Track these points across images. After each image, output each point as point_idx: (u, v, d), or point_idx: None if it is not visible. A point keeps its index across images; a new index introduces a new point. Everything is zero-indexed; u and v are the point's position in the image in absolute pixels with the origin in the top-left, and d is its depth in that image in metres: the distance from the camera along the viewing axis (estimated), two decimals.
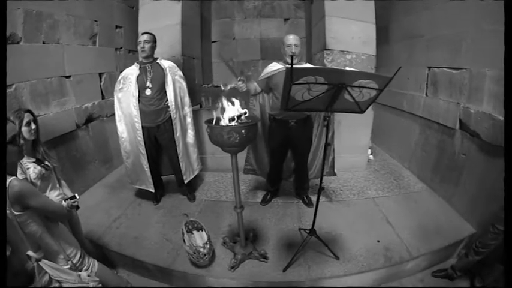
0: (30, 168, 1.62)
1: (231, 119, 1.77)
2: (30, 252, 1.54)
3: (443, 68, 3.00)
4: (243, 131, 1.69)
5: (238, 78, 2.23)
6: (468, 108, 2.63)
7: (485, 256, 2.03)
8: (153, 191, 2.95)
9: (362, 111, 1.80)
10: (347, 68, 1.59)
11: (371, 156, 4.06)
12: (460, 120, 2.74)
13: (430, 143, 3.31)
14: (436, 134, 3.17)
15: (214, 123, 1.81)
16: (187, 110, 2.95)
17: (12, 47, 2.48)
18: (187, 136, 2.99)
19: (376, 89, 1.63)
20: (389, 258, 2.23)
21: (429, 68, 3.25)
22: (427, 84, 3.31)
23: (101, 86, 3.79)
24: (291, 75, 1.50)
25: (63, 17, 3.07)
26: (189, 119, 2.97)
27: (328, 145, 1.93)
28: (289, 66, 1.49)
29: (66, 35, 3.13)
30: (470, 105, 2.62)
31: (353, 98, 1.69)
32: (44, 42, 2.85)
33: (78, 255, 1.72)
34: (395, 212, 2.80)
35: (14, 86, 2.50)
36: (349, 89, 1.62)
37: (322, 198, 2.96)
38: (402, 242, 2.39)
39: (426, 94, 3.34)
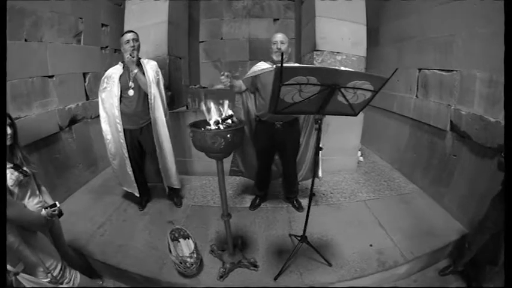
0: (8, 174, 1.51)
1: (216, 122, 1.67)
2: (7, 266, 1.44)
3: (433, 70, 3.00)
4: (228, 135, 1.59)
5: (222, 73, 2.11)
6: (459, 110, 2.63)
7: (475, 256, 2.07)
8: (138, 195, 2.87)
9: (355, 114, 1.72)
10: (342, 68, 1.48)
11: (361, 158, 4.05)
12: (451, 121, 2.74)
13: (420, 145, 3.31)
14: (427, 135, 3.18)
15: (198, 126, 1.70)
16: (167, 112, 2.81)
17: None
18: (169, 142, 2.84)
19: (371, 90, 1.55)
20: (382, 262, 2.19)
21: (419, 70, 3.25)
22: (417, 86, 3.31)
23: (85, 86, 3.66)
24: (281, 75, 1.36)
25: (47, 13, 2.94)
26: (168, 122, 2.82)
27: (320, 149, 1.86)
28: (278, 65, 1.35)
29: (50, 33, 3.00)
30: (461, 106, 2.62)
31: (347, 100, 1.59)
32: (26, 40, 2.72)
33: (58, 268, 1.63)
34: (387, 214, 2.77)
35: None
36: (343, 90, 1.52)
37: (312, 202, 2.93)
38: (395, 245, 2.36)
39: (416, 96, 3.34)
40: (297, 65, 1.90)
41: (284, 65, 1.33)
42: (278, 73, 1.36)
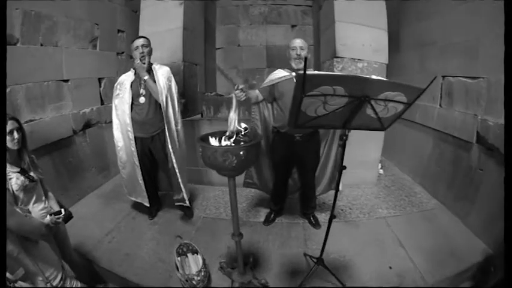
0: (13, 178, 1.49)
1: (229, 137, 1.52)
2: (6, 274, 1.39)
3: (458, 77, 2.82)
4: (241, 152, 1.42)
5: (236, 87, 1.92)
6: (486, 120, 2.45)
7: (500, 280, 1.90)
8: (148, 205, 2.80)
9: (384, 129, 1.55)
10: (373, 77, 1.27)
11: (381, 171, 3.87)
12: (478, 133, 2.56)
13: (444, 157, 3.12)
14: (451, 147, 2.99)
15: (208, 140, 1.56)
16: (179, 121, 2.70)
17: (9, 48, 2.40)
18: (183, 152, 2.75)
19: (404, 103, 1.35)
20: (402, 286, 2.03)
21: (443, 77, 3.07)
22: (441, 94, 3.13)
23: (100, 91, 3.68)
24: (303, 84, 1.15)
25: (63, 19, 2.98)
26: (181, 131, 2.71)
27: (344, 168, 1.71)
28: (300, 73, 1.15)
29: (66, 38, 3.04)
30: (489, 117, 2.44)
31: (376, 114, 1.39)
32: (42, 45, 2.76)
33: (58, 278, 1.58)
34: (408, 233, 2.60)
35: (9, 89, 2.42)
36: (373, 102, 1.33)
37: None
38: (416, 267, 2.19)
39: (440, 105, 3.15)
40: (321, 72, 1.68)
41: (308, 72, 1.15)
42: (300, 82, 1.16)
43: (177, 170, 2.63)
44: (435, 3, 3.11)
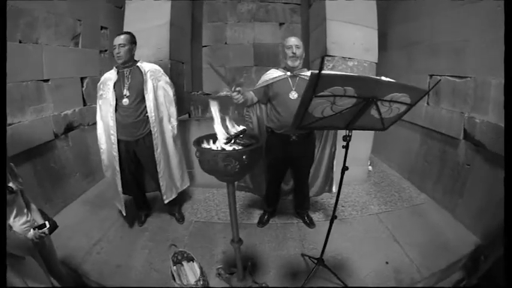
0: None
1: (228, 140, 1.43)
2: None
3: (446, 76, 2.89)
4: (244, 156, 1.33)
5: (233, 89, 1.75)
6: (473, 118, 2.55)
7: (490, 269, 1.97)
8: (124, 214, 2.60)
9: (384, 129, 1.58)
10: (383, 78, 1.28)
11: (370, 168, 3.90)
12: (465, 130, 2.65)
13: (432, 154, 3.20)
14: (439, 144, 3.07)
15: (204, 144, 1.48)
16: (174, 122, 2.59)
17: None
18: (170, 153, 2.62)
19: (407, 104, 1.38)
20: (400, 281, 2.07)
21: (431, 76, 3.15)
22: (428, 92, 3.18)
23: (82, 91, 3.50)
24: (316, 84, 1.13)
25: (43, 14, 2.81)
26: (173, 132, 2.59)
27: (346, 169, 1.70)
28: (315, 72, 1.11)
29: (46, 35, 2.87)
30: (475, 114, 2.54)
31: (379, 114, 1.41)
32: (20, 42, 2.59)
33: None
34: (401, 228, 2.66)
35: None
36: (379, 103, 1.34)
37: (323, 217, 2.84)
38: (412, 262, 2.24)
39: (428, 103, 3.22)
40: (334, 72, 1.67)
41: (323, 72, 1.10)
42: (313, 82, 1.13)
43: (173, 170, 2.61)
44: (424, 4, 3.16)
